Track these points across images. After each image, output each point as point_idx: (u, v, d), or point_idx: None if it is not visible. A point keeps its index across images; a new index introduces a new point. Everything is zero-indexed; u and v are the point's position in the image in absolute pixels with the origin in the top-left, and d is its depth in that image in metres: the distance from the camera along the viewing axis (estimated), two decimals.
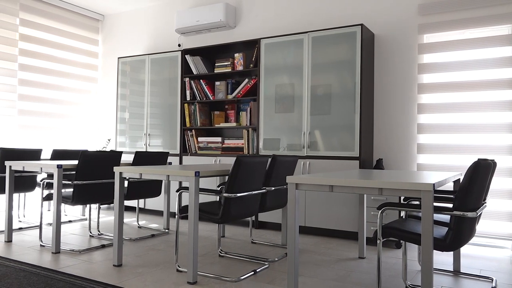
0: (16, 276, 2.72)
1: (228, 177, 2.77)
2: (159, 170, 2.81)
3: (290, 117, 4.37)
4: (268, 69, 4.54)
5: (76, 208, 5.65)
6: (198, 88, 5.11)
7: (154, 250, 3.51)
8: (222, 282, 2.69)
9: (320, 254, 3.46)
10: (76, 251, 3.42)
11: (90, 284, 2.58)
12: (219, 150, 4.90)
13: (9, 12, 5.32)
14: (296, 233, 2.31)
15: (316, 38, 4.24)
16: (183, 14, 5.33)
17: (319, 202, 4.14)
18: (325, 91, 4.18)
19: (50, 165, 3.36)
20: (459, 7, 3.92)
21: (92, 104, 6.46)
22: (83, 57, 6.34)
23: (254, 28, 5.11)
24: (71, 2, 5.99)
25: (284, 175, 3.41)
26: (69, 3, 6.02)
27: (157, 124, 5.36)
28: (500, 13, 3.77)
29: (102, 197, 3.69)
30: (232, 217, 2.85)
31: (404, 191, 2.01)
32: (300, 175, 2.38)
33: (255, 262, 3.19)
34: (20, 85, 5.46)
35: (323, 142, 4.16)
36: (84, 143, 6.33)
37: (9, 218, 3.71)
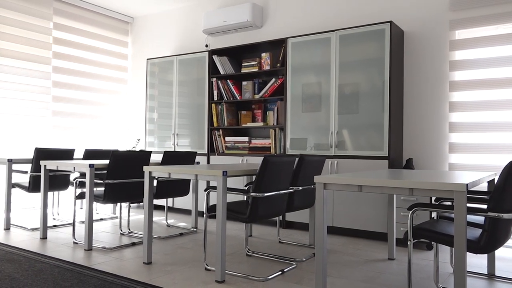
0: (51, 272, 2.81)
1: (255, 177, 2.78)
2: (187, 170, 2.85)
3: (317, 116, 4.34)
4: (295, 68, 4.52)
5: (107, 206, 5.79)
6: (225, 88, 5.14)
7: (183, 249, 3.56)
8: (250, 281, 2.70)
9: (348, 255, 3.42)
10: (107, 248, 3.50)
11: (121, 281, 2.64)
12: (246, 150, 4.92)
13: (43, 16, 5.50)
14: (324, 233, 2.29)
15: (343, 37, 4.20)
16: (210, 15, 5.37)
17: (347, 202, 4.09)
18: (353, 90, 4.13)
19: (83, 164, 3.45)
20: (492, 1, 3.79)
21: (122, 104, 6.60)
22: (113, 59, 6.48)
23: (281, 27, 5.10)
24: (102, 5, 6.14)
25: (311, 174, 3.39)
26: (100, 6, 6.18)
27: (185, 124, 5.43)
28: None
29: (132, 196, 3.76)
30: (260, 217, 2.85)
31: (436, 192, 1.96)
32: (327, 174, 2.36)
33: (283, 262, 3.19)
34: (54, 87, 5.64)
35: (351, 142, 4.12)
36: (115, 143, 6.48)
37: (44, 216, 3.84)
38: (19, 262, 3.02)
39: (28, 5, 5.32)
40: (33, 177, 4.25)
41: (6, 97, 5.10)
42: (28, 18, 5.33)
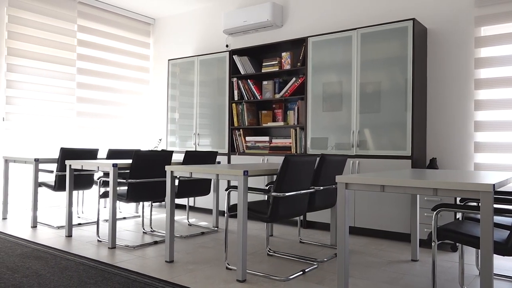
0: (76, 269, 2.87)
1: (276, 176, 2.77)
2: (208, 169, 2.86)
3: (338, 115, 4.31)
4: (315, 67, 4.49)
5: (130, 205, 5.88)
6: (246, 88, 5.15)
7: (204, 248, 3.58)
8: (271, 281, 2.70)
9: (371, 256, 3.38)
10: (130, 246, 3.55)
11: (143, 279, 2.67)
12: (267, 150, 4.92)
13: (68, 19, 5.63)
14: (346, 234, 2.27)
15: (365, 35, 4.15)
16: (230, 15, 5.39)
17: (369, 202, 4.05)
18: (375, 88, 4.08)
19: (106, 164, 3.51)
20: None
21: (144, 105, 6.69)
22: (136, 60, 6.58)
23: (301, 26, 5.08)
24: (124, 7, 6.24)
25: (333, 174, 3.36)
26: (122, 8, 6.28)
27: (206, 124, 5.46)
28: None
29: (154, 195, 3.81)
30: (281, 216, 2.85)
31: (461, 192, 1.92)
32: (349, 174, 2.34)
33: (304, 262, 3.17)
34: (78, 88, 5.76)
35: (373, 141, 4.07)
36: (137, 142, 6.57)
37: (69, 215, 3.92)
38: (45, 259, 3.10)
39: (54, 8, 5.45)
40: (58, 176, 4.35)
41: (33, 99, 5.24)
42: (53, 21, 5.46)
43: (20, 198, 5.16)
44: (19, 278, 2.64)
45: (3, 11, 4.99)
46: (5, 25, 5.01)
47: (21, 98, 5.13)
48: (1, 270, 2.80)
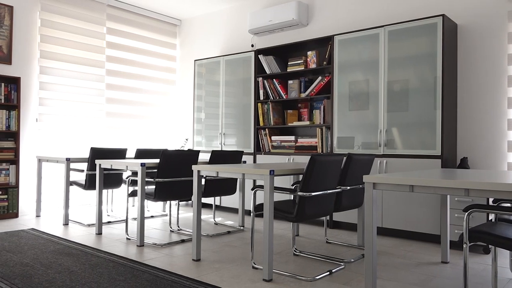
0: (106, 266, 2.94)
1: (302, 176, 2.76)
2: (235, 169, 2.88)
3: (364, 114, 4.25)
4: (342, 66, 4.45)
5: (157, 204, 5.98)
6: (271, 87, 5.15)
7: (230, 247, 3.60)
8: (297, 281, 2.69)
9: (399, 257, 3.32)
10: (158, 245, 3.61)
11: (171, 277, 2.71)
12: (293, 149, 4.90)
13: (97, 22, 5.76)
14: (373, 234, 2.24)
15: (392, 32, 4.08)
16: (255, 15, 5.40)
17: (397, 202, 3.98)
18: (403, 86, 4.00)
19: (135, 163, 3.58)
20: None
21: (171, 105, 6.78)
22: (162, 61, 6.67)
23: (327, 24, 5.04)
24: (151, 9, 6.34)
25: (360, 174, 3.32)
26: (149, 10, 6.38)
27: (232, 123, 5.49)
28: None
29: (181, 194, 3.86)
30: (307, 216, 2.83)
31: (494, 193, 1.86)
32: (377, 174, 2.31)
33: (331, 262, 3.15)
34: (107, 89, 5.89)
35: (401, 140, 3.99)
36: (164, 142, 6.67)
37: (99, 213, 4.02)
38: (77, 256, 3.18)
39: (84, 11, 5.59)
40: (89, 175, 4.46)
41: (64, 100, 5.39)
42: (84, 24, 5.60)
43: (52, 196, 5.32)
44: (52, 274, 2.72)
45: (36, 15, 5.16)
46: (37, 29, 5.17)
47: (53, 100, 5.29)
48: (36, 266, 2.89)
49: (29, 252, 3.26)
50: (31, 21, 5.11)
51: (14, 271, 2.77)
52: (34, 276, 2.68)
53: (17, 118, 4.77)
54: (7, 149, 4.72)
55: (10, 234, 3.89)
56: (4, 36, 4.84)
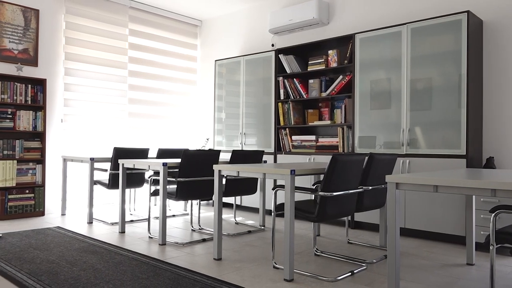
0: (129, 264, 2.98)
1: (323, 176, 2.74)
2: (255, 168, 2.88)
3: (386, 113, 4.19)
4: (363, 65, 4.40)
5: (179, 203, 6.03)
6: (292, 87, 5.14)
7: (251, 246, 3.61)
8: (318, 281, 2.68)
9: (423, 258, 3.27)
10: (179, 243, 3.65)
11: (193, 276, 2.73)
12: (313, 149, 4.88)
13: (120, 23, 5.86)
14: (396, 235, 2.21)
15: (415, 30, 4.01)
16: (276, 14, 5.39)
17: (420, 202, 3.91)
18: (426, 85, 3.93)
19: (157, 163, 3.62)
20: None
21: (192, 105, 6.84)
22: (183, 61, 6.74)
23: (348, 23, 4.99)
24: (172, 10, 6.41)
25: (382, 174, 3.28)
26: (171, 11, 6.45)
27: (252, 123, 5.50)
28: None
29: (202, 194, 3.89)
30: (328, 216, 2.81)
31: None
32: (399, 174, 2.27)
33: (352, 262, 3.12)
34: (130, 89, 5.98)
35: (424, 139, 3.92)
36: (185, 142, 6.73)
37: (122, 212, 4.09)
38: (101, 254, 3.24)
39: (107, 14, 5.69)
40: (112, 175, 4.54)
41: (88, 100, 5.50)
42: (107, 26, 5.70)
43: (77, 195, 5.44)
44: (77, 271, 2.78)
45: (61, 18, 5.28)
46: (62, 32, 5.29)
47: (77, 100, 5.40)
48: (61, 263, 2.96)
49: (55, 250, 3.34)
50: (56, 24, 5.23)
51: (41, 268, 2.84)
52: (60, 273, 2.75)
53: (43, 119, 4.89)
54: (33, 149, 4.84)
55: (37, 232, 3.99)
56: (30, 39, 4.97)
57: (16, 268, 2.83)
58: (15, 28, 4.85)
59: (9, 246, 3.42)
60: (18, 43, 4.88)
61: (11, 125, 4.67)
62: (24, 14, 4.92)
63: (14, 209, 4.65)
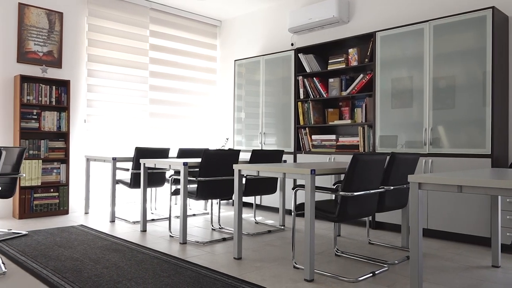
0: (150, 262, 3.02)
1: (344, 175, 2.72)
2: (276, 168, 2.88)
3: (408, 112, 4.13)
4: (384, 63, 4.34)
5: (199, 202, 6.08)
6: (311, 86, 5.11)
7: (271, 246, 3.61)
8: (339, 282, 2.66)
9: (446, 260, 3.20)
10: (200, 242, 3.67)
11: (213, 274, 2.75)
12: (334, 148, 4.84)
13: (141, 25, 5.93)
14: (419, 236, 2.17)
15: (438, 27, 3.94)
16: (295, 14, 5.37)
17: (443, 203, 3.84)
18: (449, 83, 3.85)
19: (177, 163, 3.66)
20: None
21: (211, 105, 6.87)
22: (203, 62, 6.78)
23: (369, 21, 4.93)
24: (192, 11, 6.46)
25: (404, 173, 3.23)
26: (190, 12, 6.50)
27: (272, 123, 5.49)
28: None
29: (222, 193, 3.90)
30: (349, 216, 2.79)
31: None
32: (422, 174, 2.23)
33: (373, 263, 3.08)
34: (151, 90, 6.06)
35: (447, 139, 3.85)
36: (205, 142, 6.77)
37: (143, 211, 4.14)
38: (123, 252, 3.29)
39: (128, 15, 5.78)
40: (133, 174, 4.60)
41: (110, 101, 5.59)
42: (128, 27, 5.79)
43: (99, 194, 5.54)
44: (100, 269, 2.83)
45: (84, 20, 5.38)
46: (85, 34, 5.39)
47: (99, 101, 5.50)
48: (85, 261, 3.02)
49: (79, 248, 3.40)
50: (79, 26, 5.34)
51: (65, 265, 2.90)
52: (83, 270, 2.80)
53: (67, 119, 5.00)
54: (58, 149, 4.95)
55: (61, 230, 4.08)
56: (55, 41, 5.08)
57: (42, 265, 2.90)
58: (40, 30, 4.97)
59: (35, 244, 3.50)
60: (43, 46, 5.00)
61: (36, 126, 4.78)
62: (48, 17, 5.04)
63: (39, 208, 4.77)
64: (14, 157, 3.74)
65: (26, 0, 4.89)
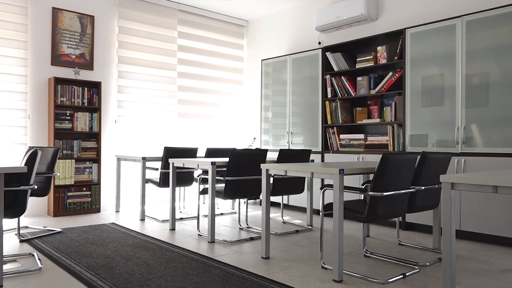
0: (179, 260, 3.06)
1: (374, 175, 2.68)
2: (303, 168, 2.86)
3: (439, 110, 4.03)
4: (414, 60, 4.25)
5: (227, 202, 6.12)
6: (339, 85, 5.06)
7: (299, 246, 3.59)
8: (369, 283, 2.62)
9: (480, 262, 3.11)
10: (228, 241, 3.69)
11: (241, 274, 2.76)
12: (362, 148, 4.77)
13: (169, 26, 6.02)
14: (452, 237, 2.12)
15: (471, 22, 3.82)
16: (322, 12, 5.33)
17: (476, 204, 3.72)
18: (483, 80, 3.73)
19: (205, 162, 3.69)
20: None
21: (238, 105, 6.90)
22: (230, 62, 6.82)
23: (398, 18, 4.84)
24: (219, 11, 6.50)
25: (435, 173, 3.16)
26: (218, 12, 6.54)
27: (299, 122, 5.47)
28: None
29: (250, 193, 3.91)
30: (378, 217, 2.74)
31: None
32: (454, 173, 2.17)
33: (404, 265, 3.02)
34: (179, 90, 6.14)
35: (481, 137, 3.73)
36: (232, 141, 6.81)
37: (172, 209, 4.20)
38: (153, 250, 3.35)
39: (157, 17, 5.87)
40: (163, 174, 4.67)
41: (140, 102, 5.70)
42: (157, 29, 5.88)
43: (130, 193, 5.65)
44: (131, 266, 2.89)
45: (114, 23, 5.50)
46: (115, 36, 5.52)
47: (129, 102, 5.61)
48: (116, 258, 3.09)
49: (110, 245, 3.49)
50: (110, 29, 5.46)
51: (97, 262, 2.98)
52: (115, 267, 2.87)
53: (99, 120, 5.12)
54: (90, 148, 5.09)
55: (94, 227, 4.19)
56: (87, 44, 5.22)
57: (75, 262, 2.99)
58: (72, 34, 5.12)
59: (68, 241, 3.61)
60: (76, 48, 5.14)
61: (69, 126, 4.93)
62: (80, 21, 5.18)
63: (72, 206, 4.91)
64: (48, 157, 3.87)
65: (60, 5, 5.05)
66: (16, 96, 4.78)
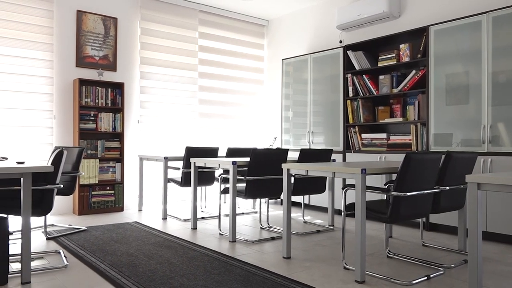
0: (201, 259, 3.09)
1: (397, 175, 2.64)
2: (325, 167, 2.85)
3: (464, 109, 3.94)
4: (438, 58, 4.17)
5: (248, 201, 6.13)
6: (361, 84, 5.00)
7: (320, 246, 3.57)
8: (392, 285, 2.58)
9: (507, 265, 3.03)
10: (249, 241, 3.70)
11: (263, 273, 2.76)
12: (384, 147, 4.71)
13: (190, 27, 6.07)
14: (478, 239, 2.07)
15: (497, 18, 3.72)
16: (343, 10, 5.28)
17: (503, 204, 3.63)
18: (510, 77, 3.63)
19: (226, 162, 3.71)
20: None
21: (259, 105, 6.91)
22: (251, 62, 6.83)
23: (421, 15, 4.75)
24: (240, 11, 6.52)
25: (461, 173, 3.09)
26: (238, 12, 6.56)
27: (320, 121, 5.44)
28: None
29: (271, 192, 3.91)
30: (402, 217, 2.70)
31: None
32: (480, 173, 2.12)
33: (428, 266, 2.97)
34: (200, 91, 6.18)
35: (508, 137, 3.63)
36: (253, 141, 6.82)
37: (194, 209, 4.24)
38: (175, 248, 3.39)
39: (178, 18, 5.93)
40: (184, 173, 4.72)
41: (161, 102, 5.77)
42: (178, 30, 5.94)
43: (152, 192, 5.73)
44: (153, 265, 2.93)
45: (136, 24, 5.58)
46: (138, 37, 5.60)
47: (151, 102, 5.68)
48: (139, 257, 3.14)
49: (134, 243, 3.54)
50: (132, 30, 5.55)
51: (121, 260, 3.03)
52: (138, 265, 2.91)
53: (122, 120, 5.21)
54: (113, 148, 5.18)
55: (117, 226, 4.27)
56: (110, 45, 5.31)
57: (100, 259, 3.04)
58: (96, 36, 5.21)
59: (93, 239, 3.68)
60: (99, 50, 5.24)
61: (93, 127, 5.03)
62: (104, 23, 5.28)
63: (97, 205, 5.01)
64: (74, 156, 3.95)
65: (84, 7, 5.15)
66: (42, 98, 4.91)
